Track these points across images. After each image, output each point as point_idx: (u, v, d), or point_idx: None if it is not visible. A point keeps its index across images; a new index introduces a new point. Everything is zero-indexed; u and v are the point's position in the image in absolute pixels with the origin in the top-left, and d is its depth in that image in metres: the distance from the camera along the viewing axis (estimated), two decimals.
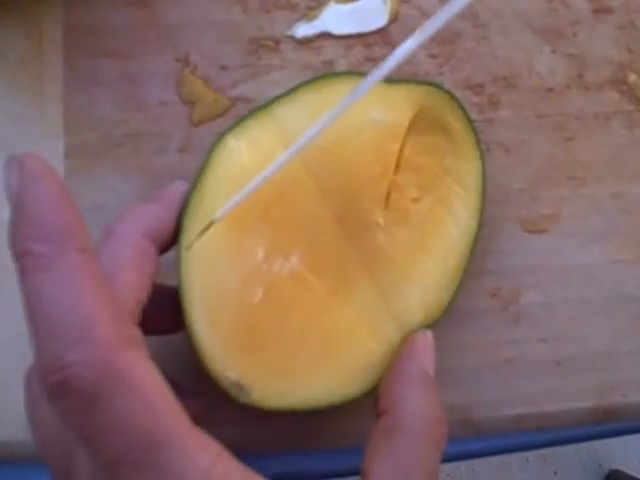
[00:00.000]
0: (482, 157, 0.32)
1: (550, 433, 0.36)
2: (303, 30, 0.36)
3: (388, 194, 0.30)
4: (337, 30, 0.36)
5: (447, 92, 0.32)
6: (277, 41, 0.35)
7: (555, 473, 1.32)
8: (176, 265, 0.27)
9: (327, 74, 0.31)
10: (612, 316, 0.34)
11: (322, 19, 0.36)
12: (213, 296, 0.27)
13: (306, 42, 0.36)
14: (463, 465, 1.31)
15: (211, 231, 0.27)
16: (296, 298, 0.28)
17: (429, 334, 0.29)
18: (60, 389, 0.20)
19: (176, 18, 0.35)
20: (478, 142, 0.32)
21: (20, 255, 0.20)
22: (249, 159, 0.28)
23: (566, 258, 0.35)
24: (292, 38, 0.36)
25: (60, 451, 0.23)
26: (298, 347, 0.28)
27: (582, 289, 0.35)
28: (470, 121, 0.32)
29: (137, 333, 0.23)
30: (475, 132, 0.32)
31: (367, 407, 0.28)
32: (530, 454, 1.32)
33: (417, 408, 0.26)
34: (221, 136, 0.29)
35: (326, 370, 0.28)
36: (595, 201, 0.36)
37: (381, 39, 0.36)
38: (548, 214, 0.35)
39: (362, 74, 0.31)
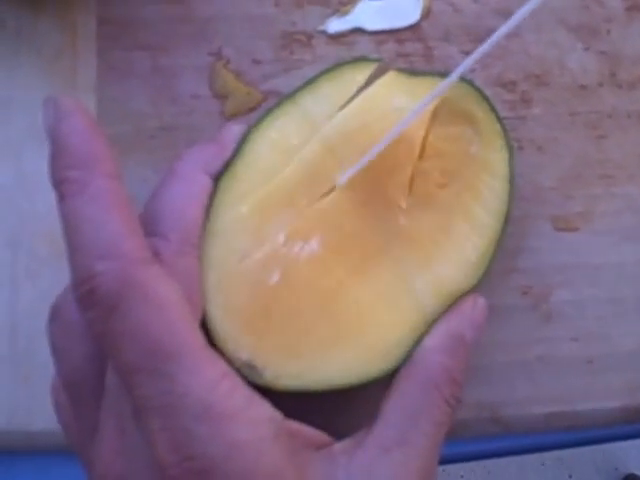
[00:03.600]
0: (509, 146, 0.31)
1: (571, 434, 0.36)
2: (335, 25, 0.36)
3: (412, 179, 0.30)
4: (369, 26, 0.36)
5: (470, 84, 0.32)
6: (309, 36, 0.35)
7: (570, 476, 1.32)
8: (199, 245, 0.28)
9: (345, 62, 0.31)
10: None
11: (354, 14, 0.36)
12: (229, 277, 0.27)
13: (338, 37, 0.36)
14: (478, 467, 1.31)
15: (234, 214, 0.28)
16: (314, 280, 0.28)
17: (480, 301, 0.29)
18: (87, 299, 0.22)
19: (209, 12, 0.35)
20: (504, 131, 0.31)
21: (58, 184, 0.23)
22: (278, 145, 0.29)
23: (598, 256, 0.35)
24: (324, 33, 0.36)
25: (87, 375, 0.24)
26: (314, 328, 0.28)
27: (613, 288, 0.34)
28: (495, 111, 0.31)
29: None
30: (500, 121, 0.31)
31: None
32: (546, 457, 1.32)
33: (434, 362, 0.27)
34: (250, 126, 0.30)
35: (342, 350, 0.28)
36: (627, 200, 0.35)
37: (413, 35, 0.36)
38: (580, 212, 0.35)
39: (378, 60, 0.32)
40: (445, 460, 0.31)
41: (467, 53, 0.36)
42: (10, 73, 0.34)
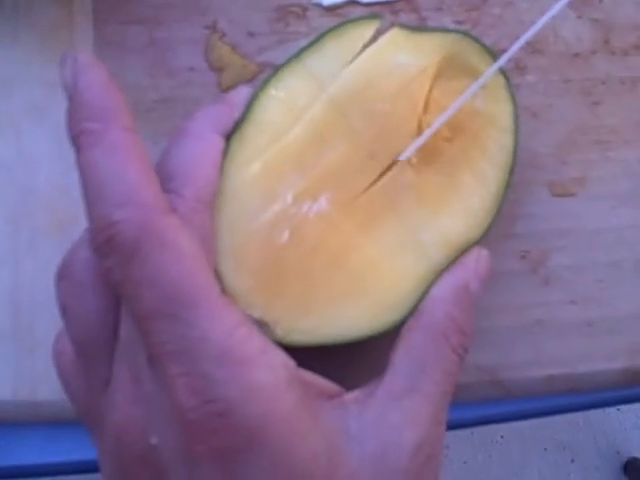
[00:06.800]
0: (513, 99, 0.32)
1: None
2: None
3: (418, 132, 0.30)
4: None
5: (473, 38, 0.32)
6: (304, 8, 0.36)
7: (572, 461, 1.32)
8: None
9: (349, 20, 0.31)
10: None
11: None
12: (240, 237, 0.28)
13: (333, 9, 0.36)
14: (480, 452, 1.31)
15: (244, 175, 0.28)
16: (322, 237, 0.28)
17: (484, 253, 0.29)
18: (106, 247, 0.22)
19: None
20: (509, 84, 0.32)
21: (76, 137, 0.23)
22: (286, 105, 0.29)
23: (595, 221, 0.35)
24: (319, 5, 0.36)
25: (99, 330, 0.25)
26: (323, 284, 0.28)
27: (611, 251, 0.35)
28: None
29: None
30: (504, 74, 0.32)
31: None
32: (548, 442, 1.32)
33: (440, 312, 0.28)
34: (258, 87, 0.30)
35: (352, 305, 0.28)
36: (623, 164, 0.36)
37: (407, 6, 0.36)
38: (576, 178, 0.35)
39: (380, 17, 0.32)
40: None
41: (461, 23, 0.36)
42: (9, 49, 0.34)
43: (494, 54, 0.32)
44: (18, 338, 0.32)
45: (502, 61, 0.29)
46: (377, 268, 0.29)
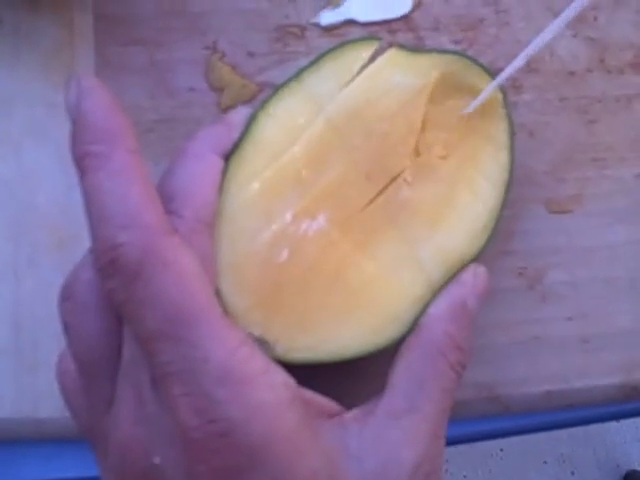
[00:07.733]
0: (510, 116, 0.32)
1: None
2: (328, 17, 0.36)
3: (415, 151, 0.31)
4: (361, 17, 0.36)
5: (470, 58, 0.32)
6: (303, 28, 0.36)
7: (573, 474, 1.32)
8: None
9: (347, 41, 0.32)
10: (637, 294, 0.35)
11: (347, 6, 0.36)
12: (240, 256, 0.28)
13: (331, 29, 0.36)
14: (480, 466, 1.31)
15: (244, 194, 0.28)
16: (321, 255, 0.29)
17: (481, 269, 0.30)
18: (109, 268, 0.23)
19: (204, 7, 0.36)
20: (505, 101, 0.32)
21: (80, 159, 0.24)
22: (285, 125, 0.30)
23: (591, 238, 0.35)
24: (317, 25, 0.36)
25: (103, 350, 0.25)
26: (323, 301, 0.28)
27: (607, 268, 0.35)
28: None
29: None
30: (502, 91, 0.32)
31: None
32: (548, 455, 1.32)
33: (438, 330, 0.28)
34: (257, 107, 0.30)
35: (351, 322, 0.28)
36: (619, 182, 0.36)
37: (405, 25, 0.37)
38: (573, 195, 0.36)
39: (380, 38, 0.32)
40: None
41: (458, 43, 0.37)
42: (10, 69, 0.34)
43: (491, 73, 0.32)
44: (19, 355, 0.32)
45: (514, 66, 0.30)
46: (375, 285, 0.29)
